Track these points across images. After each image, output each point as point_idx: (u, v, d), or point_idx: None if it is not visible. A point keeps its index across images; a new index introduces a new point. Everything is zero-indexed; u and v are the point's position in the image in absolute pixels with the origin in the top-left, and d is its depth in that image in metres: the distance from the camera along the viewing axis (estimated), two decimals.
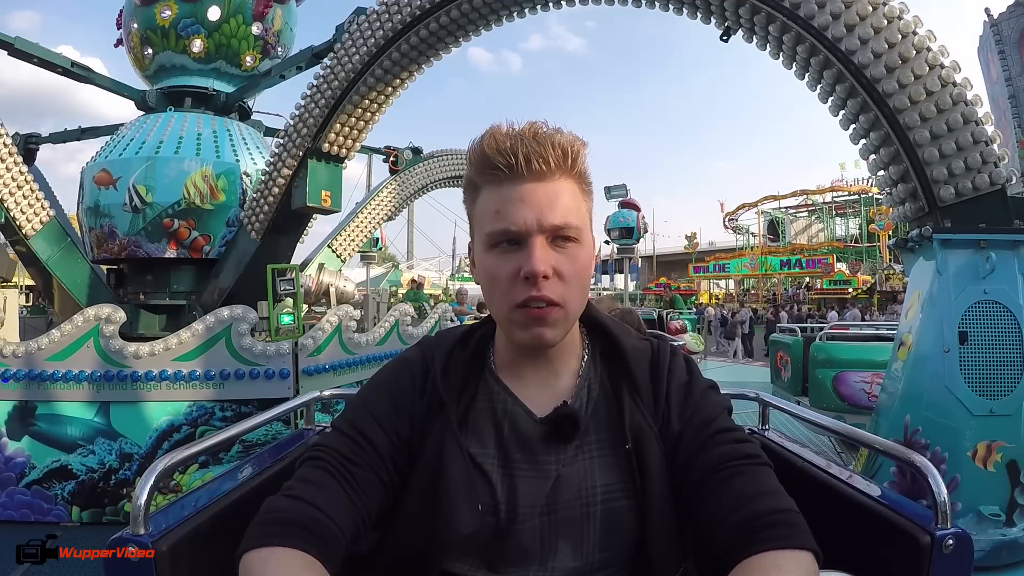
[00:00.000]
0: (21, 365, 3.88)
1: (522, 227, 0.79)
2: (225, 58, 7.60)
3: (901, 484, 3.23)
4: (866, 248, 32.70)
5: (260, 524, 0.74)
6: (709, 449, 0.83)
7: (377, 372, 0.97)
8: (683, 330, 11.33)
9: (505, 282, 0.81)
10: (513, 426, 0.87)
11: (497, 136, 0.81)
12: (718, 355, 14.96)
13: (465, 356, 0.93)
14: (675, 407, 0.89)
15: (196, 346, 4.01)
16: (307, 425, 1.51)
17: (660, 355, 0.95)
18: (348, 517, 0.78)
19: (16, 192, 6.26)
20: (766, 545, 0.67)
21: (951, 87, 3.43)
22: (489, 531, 0.82)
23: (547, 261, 0.79)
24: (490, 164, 0.81)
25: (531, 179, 0.80)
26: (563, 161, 0.81)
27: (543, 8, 5.16)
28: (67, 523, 3.85)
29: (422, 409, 0.89)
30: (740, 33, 4.29)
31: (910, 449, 1.02)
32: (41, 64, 7.28)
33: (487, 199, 0.83)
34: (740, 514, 0.72)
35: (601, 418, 0.89)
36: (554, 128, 0.84)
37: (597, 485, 0.85)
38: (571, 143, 0.83)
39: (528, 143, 0.80)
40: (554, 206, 0.80)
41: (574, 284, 0.82)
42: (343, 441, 0.85)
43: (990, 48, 17.22)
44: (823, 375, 5.69)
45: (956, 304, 3.41)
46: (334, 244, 10.18)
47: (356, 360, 4.61)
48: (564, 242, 0.81)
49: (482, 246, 0.84)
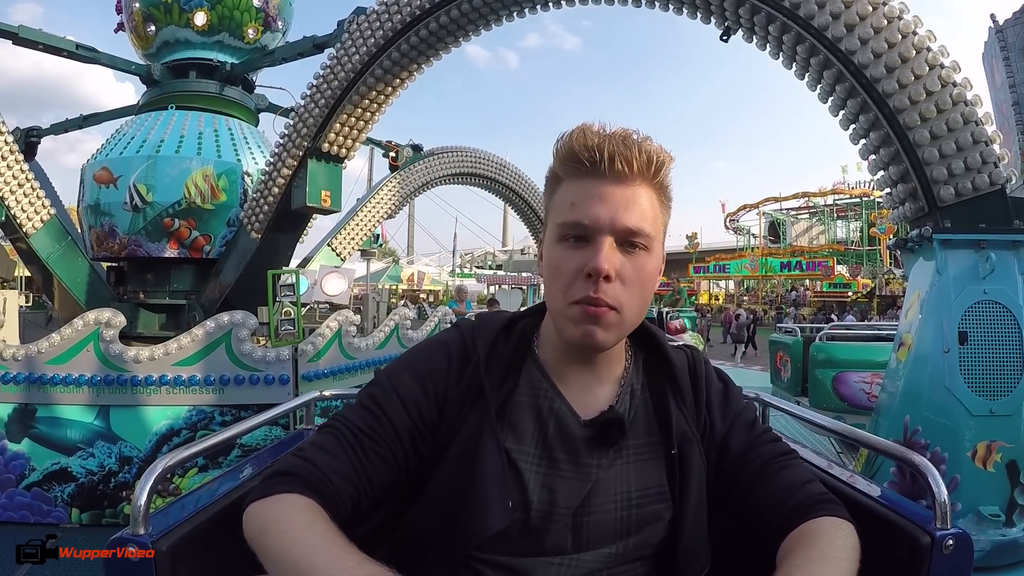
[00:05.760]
0: (21, 368, 3.88)
1: (594, 223, 0.79)
2: (228, 30, 7.65)
3: (901, 484, 3.23)
4: (866, 251, 32.66)
5: (264, 479, 0.79)
6: (756, 448, 0.92)
7: (411, 349, 0.96)
8: (683, 329, 11.33)
9: (568, 276, 0.81)
10: (559, 425, 0.86)
11: (587, 132, 0.82)
12: (727, 359, 14.85)
13: (509, 346, 0.92)
14: (717, 413, 0.95)
15: (196, 351, 4.00)
16: (307, 425, 1.51)
17: (697, 364, 0.98)
18: (348, 483, 0.79)
19: (17, 190, 6.27)
20: (822, 513, 0.82)
21: (951, 87, 3.43)
22: (518, 527, 0.82)
23: (613, 262, 0.79)
24: (575, 157, 0.81)
25: (612, 179, 0.80)
26: (646, 168, 0.81)
27: (543, 8, 5.17)
28: (67, 524, 3.85)
29: (457, 394, 0.88)
30: (740, 33, 4.29)
31: (910, 449, 1.02)
32: (46, 50, 7.36)
33: (566, 191, 0.83)
34: (797, 497, 0.85)
35: (641, 423, 0.90)
36: (644, 136, 0.83)
37: (633, 489, 0.86)
38: (658, 152, 0.83)
39: (616, 144, 0.80)
40: (630, 209, 0.80)
41: (635, 291, 0.81)
42: (360, 414, 0.85)
43: (994, 54, 17.21)
44: (823, 375, 5.70)
45: (956, 304, 3.41)
46: (334, 242, 10.18)
47: (355, 365, 4.60)
48: (633, 248, 0.81)
49: (552, 236, 0.84)
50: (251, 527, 0.73)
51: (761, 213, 38.11)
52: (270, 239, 6.57)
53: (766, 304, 31.84)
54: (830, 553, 0.73)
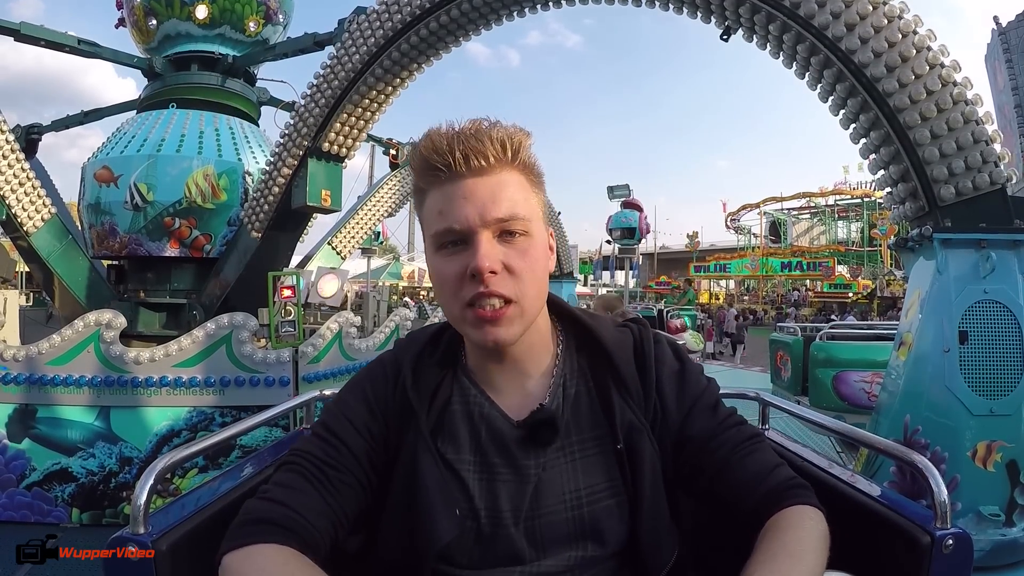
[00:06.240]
0: (22, 369, 3.89)
1: (465, 224, 0.78)
2: (229, 23, 7.65)
3: (901, 484, 3.22)
4: (867, 252, 32.62)
5: (237, 526, 0.75)
6: (720, 435, 0.88)
7: (355, 374, 0.97)
8: (683, 328, 11.33)
9: (453, 282, 0.79)
10: (491, 430, 0.85)
11: (434, 137, 0.80)
12: (726, 359, 14.78)
13: (436, 358, 0.91)
14: (670, 397, 0.89)
15: (196, 352, 4.01)
16: (307, 425, 1.51)
17: (645, 344, 0.93)
18: (323, 518, 0.78)
19: (18, 189, 6.26)
20: (792, 502, 0.80)
21: (951, 86, 3.43)
22: (472, 536, 0.81)
23: (493, 256, 0.77)
24: (429, 165, 0.80)
25: (471, 175, 0.78)
26: (503, 154, 0.80)
27: (543, 8, 5.16)
28: (67, 524, 3.85)
29: (394, 409, 0.88)
30: (740, 32, 4.28)
31: (910, 449, 1.02)
32: (48, 46, 7.36)
33: (431, 201, 0.81)
34: (766, 485, 0.83)
35: (583, 417, 0.87)
36: (493, 121, 0.82)
37: (582, 487, 0.84)
38: (511, 135, 0.81)
39: (465, 140, 0.78)
40: (497, 199, 0.78)
41: (527, 278, 0.80)
42: (317, 445, 0.85)
43: (997, 57, 17.22)
44: (823, 375, 5.70)
45: (956, 304, 3.41)
46: (334, 241, 10.14)
47: (356, 366, 4.61)
48: (512, 236, 0.79)
49: (431, 249, 0.83)
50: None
51: (762, 213, 38.09)
52: (270, 238, 6.57)
53: (767, 304, 31.82)
54: (795, 548, 0.72)
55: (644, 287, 34.82)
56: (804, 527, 0.76)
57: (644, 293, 32.16)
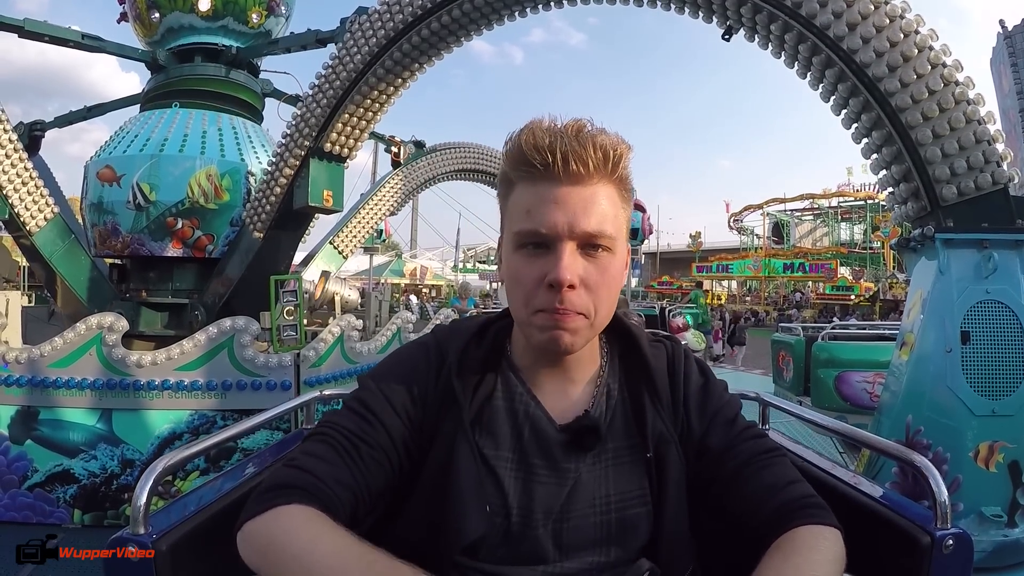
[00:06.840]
0: (24, 371, 3.89)
1: (552, 231, 0.76)
2: (232, 15, 7.67)
3: (903, 484, 3.22)
4: (870, 255, 32.51)
5: (260, 493, 0.73)
6: (736, 446, 0.87)
7: (392, 354, 0.95)
8: (684, 327, 11.29)
9: (529, 286, 0.78)
10: (535, 430, 0.85)
11: (536, 131, 0.77)
12: (728, 362, 14.68)
13: (481, 351, 0.90)
14: (694, 411, 0.90)
15: (198, 356, 4.01)
16: (308, 425, 1.51)
17: (676, 360, 0.94)
18: (347, 490, 0.76)
19: (21, 188, 6.28)
20: (805, 521, 0.76)
21: (953, 86, 3.42)
22: (500, 533, 0.81)
23: (575, 270, 0.75)
24: (526, 160, 0.77)
25: (567, 181, 0.76)
26: (603, 165, 0.77)
27: (544, 7, 5.16)
28: (69, 525, 3.86)
29: (435, 395, 0.87)
30: (742, 32, 4.28)
31: (911, 449, 1.02)
32: (52, 41, 7.40)
33: (520, 196, 0.79)
34: (778, 499, 0.80)
35: (619, 425, 0.88)
36: (598, 128, 0.79)
37: (612, 493, 0.84)
38: (614, 146, 0.78)
39: (568, 142, 0.75)
40: (589, 212, 0.76)
41: (602, 295, 0.79)
42: (352, 419, 0.83)
43: (1003, 60, 17.15)
44: (825, 375, 5.69)
45: (958, 304, 3.40)
46: (336, 240, 10.14)
47: (357, 369, 4.61)
48: (596, 250, 0.78)
49: (510, 245, 0.81)
50: (253, 548, 0.69)
51: (765, 214, 37.97)
52: (273, 238, 6.58)
53: (769, 305, 31.76)
54: (807, 570, 0.69)
55: (646, 287, 34.81)
56: (818, 549, 0.73)
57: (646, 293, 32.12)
